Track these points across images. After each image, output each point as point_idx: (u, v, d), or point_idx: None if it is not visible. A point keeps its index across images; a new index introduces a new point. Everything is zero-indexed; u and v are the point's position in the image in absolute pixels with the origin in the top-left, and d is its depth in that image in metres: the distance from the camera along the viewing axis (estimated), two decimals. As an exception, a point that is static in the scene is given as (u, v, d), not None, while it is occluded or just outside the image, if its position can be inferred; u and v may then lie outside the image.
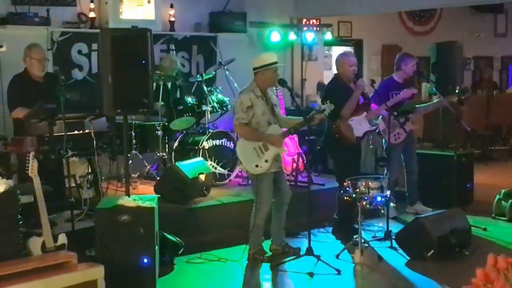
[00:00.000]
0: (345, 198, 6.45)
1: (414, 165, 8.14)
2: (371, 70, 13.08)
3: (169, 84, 8.76)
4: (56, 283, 4.52)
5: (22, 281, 4.38)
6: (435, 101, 8.31)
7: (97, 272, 4.76)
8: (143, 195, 6.13)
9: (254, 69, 6.28)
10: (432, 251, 6.21)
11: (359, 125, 7.01)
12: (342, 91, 7.02)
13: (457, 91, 7.93)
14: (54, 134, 6.25)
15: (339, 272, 5.92)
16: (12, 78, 7.04)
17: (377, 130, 7.45)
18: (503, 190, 8.05)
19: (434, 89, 8.41)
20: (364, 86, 6.97)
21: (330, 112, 6.30)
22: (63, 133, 6.08)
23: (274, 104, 6.42)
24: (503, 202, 7.93)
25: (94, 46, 8.65)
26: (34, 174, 5.19)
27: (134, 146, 8.21)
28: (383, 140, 7.87)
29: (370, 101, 7.15)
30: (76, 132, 6.64)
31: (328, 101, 6.29)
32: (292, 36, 10.82)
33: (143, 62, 5.88)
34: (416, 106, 8.06)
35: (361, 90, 6.95)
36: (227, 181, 8.32)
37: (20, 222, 5.19)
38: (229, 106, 8.49)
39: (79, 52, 8.84)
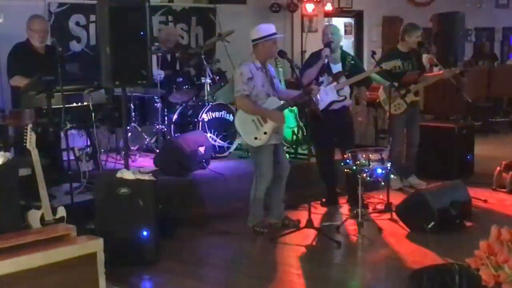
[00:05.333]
0: (345, 170, 6.46)
1: (416, 138, 8.09)
2: (372, 42, 12.99)
3: (168, 56, 8.70)
4: (55, 256, 4.50)
5: (21, 254, 4.36)
6: (440, 72, 8.21)
7: (97, 245, 4.75)
8: (142, 168, 6.10)
9: (253, 40, 6.23)
10: (433, 223, 6.18)
11: (325, 94, 7.00)
12: (314, 61, 7.06)
13: (461, 64, 7.83)
14: (52, 107, 6.20)
15: (339, 244, 5.91)
16: (13, 46, 6.98)
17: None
18: (503, 162, 8.02)
19: (436, 60, 8.34)
20: (324, 56, 6.92)
21: None
22: (62, 106, 6.03)
23: (273, 76, 6.38)
24: (503, 174, 7.91)
25: (92, 17, 8.58)
26: (32, 147, 5.15)
27: (133, 118, 8.16)
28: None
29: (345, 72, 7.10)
30: (74, 104, 6.58)
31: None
32: (292, 7, 10.72)
33: (142, 33, 5.81)
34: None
35: (322, 61, 6.92)
36: (226, 153, 8.29)
37: (19, 195, 5.17)
38: (229, 78, 8.42)
39: (77, 23, 8.78)
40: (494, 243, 2.09)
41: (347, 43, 12.96)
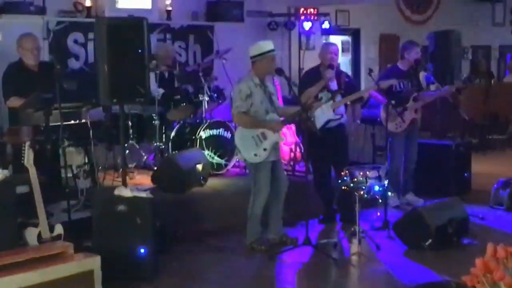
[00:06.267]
0: (343, 187, 6.46)
1: (414, 154, 8.07)
2: (369, 59, 13.04)
3: (166, 74, 8.72)
4: (52, 274, 4.51)
5: (18, 272, 4.37)
6: (440, 89, 8.22)
7: (94, 262, 4.76)
8: (140, 185, 6.11)
9: (252, 57, 6.26)
10: (430, 240, 6.19)
11: (321, 113, 7.03)
12: (311, 78, 7.11)
13: (462, 79, 7.85)
14: (50, 124, 6.21)
15: (336, 262, 5.90)
16: (7, 67, 6.99)
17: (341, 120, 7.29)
18: (501, 179, 8.02)
19: (432, 78, 8.37)
20: (329, 78, 7.01)
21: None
22: (59, 123, 6.05)
23: (271, 93, 6.40)
24: (500, 191, 7.90)
25: (91, 35, 8.59)
26: (30, 164, 5.14)
27: (131, 136, 8.17)
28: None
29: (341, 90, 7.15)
30: (72, 122, 6.59)
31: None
32: (289, 25, 10.78)
33: (139, 51, 5.84)
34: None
35: (324, 81, 6.99)
36: (224, 171, 8.29)
37: (16, 212, 5.16)
38: (226, 96, 8.45)
39: (75, 41, 8.80)
40: (490, 261, 2.09)
41: (344, 61, 13.01)
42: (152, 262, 5.51)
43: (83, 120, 6.66)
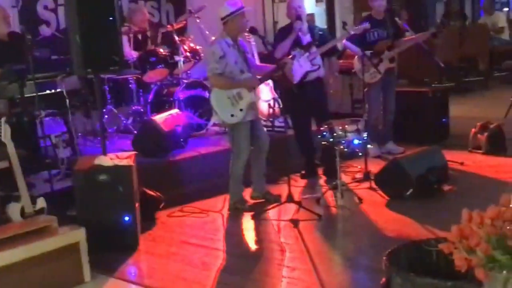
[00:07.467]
0: (322, 142, 6.49)
1: (391, 104, 8.11)
2: (344, 8, 12.91)
3: (139, 36, 8.63)
4: (38, 249, 4.54)
5: (4, 249, 4.38)
6: (411, 37, 8.21)
7: (79, 234, 4.79)
8: (120, 153, 6.09)
9: (222, 18, 6.21)
10: (411, 190, 6.26)
11: (299, 66, 7.02)
12: (285, 35, 7.09)
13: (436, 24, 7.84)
14: (26, 95, 6.16)
15: (320, 217, 5.96)
16: None
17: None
18: (479, 124, 8.07)
19: (406, 25, 8.35)
20: (298, 28, 7.00)
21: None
22: (35, 94, 6.00)
23: (246, 52, 6.37)
24: (479, 135, 7.96)
25: (60, 0, 8.47)
26: (7, 140, 5.10)
27: (109, 100, 8.12)
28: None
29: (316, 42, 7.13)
30: (48, 91, 6.54)
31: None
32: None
33: (111, 18, 5.75)
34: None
35: (294, 34, 6.98)
36: (204, 130, 8.29)
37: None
38: (202, 55, 8.39)
39: (45, 7, 8.67)
40: (465, 227, 2.12)
41: (318, 11, 12.89)
42: (137, 230, 5.54)
43: (59, 89, 6.61)
